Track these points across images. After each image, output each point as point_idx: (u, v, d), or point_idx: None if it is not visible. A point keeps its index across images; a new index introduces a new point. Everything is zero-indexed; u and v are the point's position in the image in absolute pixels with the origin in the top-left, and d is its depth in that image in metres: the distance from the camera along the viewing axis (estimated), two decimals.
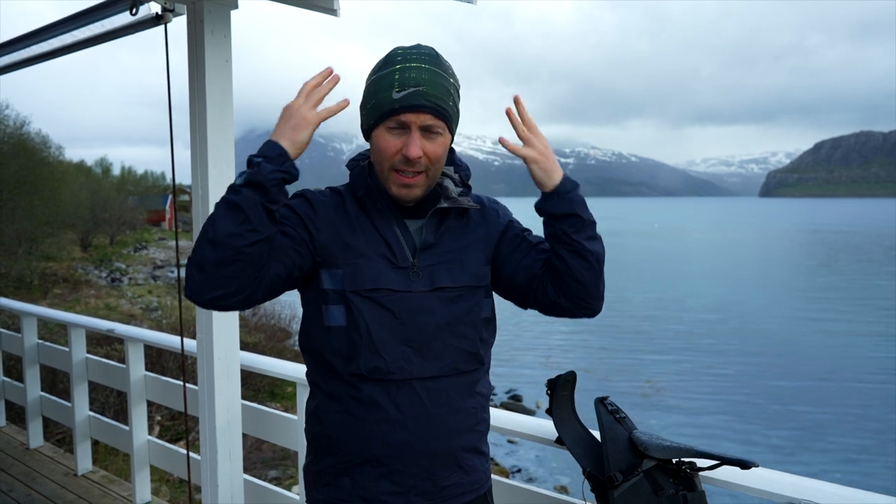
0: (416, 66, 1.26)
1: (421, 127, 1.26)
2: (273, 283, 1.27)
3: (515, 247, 1.42)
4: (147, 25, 2.28)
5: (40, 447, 4.40)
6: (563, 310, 1.38)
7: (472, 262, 1.38)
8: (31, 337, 4.35)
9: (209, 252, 1.16)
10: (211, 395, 2.31)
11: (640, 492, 1.45)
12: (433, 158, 1.29)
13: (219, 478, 2.35)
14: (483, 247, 1.41)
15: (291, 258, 1.28)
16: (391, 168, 1.28)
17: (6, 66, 3.30)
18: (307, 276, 1.34)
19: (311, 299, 1.36)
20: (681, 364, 17.59)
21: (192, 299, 1.21)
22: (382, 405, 1.29)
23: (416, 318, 1.31)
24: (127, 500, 3.60)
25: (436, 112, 1.26)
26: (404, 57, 1.27)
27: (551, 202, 1.32)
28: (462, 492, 1.37)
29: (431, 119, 1.26)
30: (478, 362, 1.39)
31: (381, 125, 1.28)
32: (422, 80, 1.25)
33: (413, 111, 1.24)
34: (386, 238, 1.33)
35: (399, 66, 1.26)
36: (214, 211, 1.20)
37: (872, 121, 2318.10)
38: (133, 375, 3.47)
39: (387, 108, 1.25)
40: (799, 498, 1.42)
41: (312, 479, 1.39)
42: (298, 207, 1.34)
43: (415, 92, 1.24)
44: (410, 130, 1.26)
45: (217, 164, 2.20)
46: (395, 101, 1.24)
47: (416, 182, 1.29)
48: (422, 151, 1.26)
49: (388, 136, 1.27)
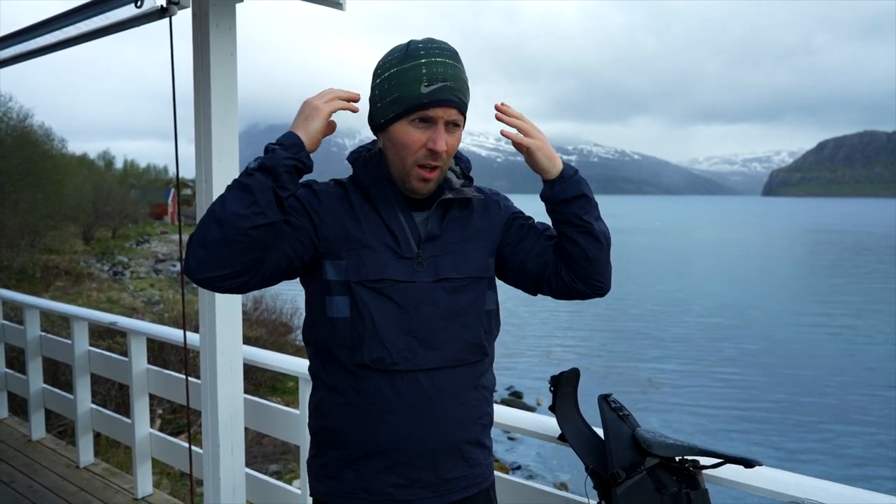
0: (442, 62, 1.26)
1: (446, 122, 1.27)
2: (272, 271, 1.27)
3: (523, 236, 1.44)
4: (152, 18, 2.27)
5: (42, 439, 4.41)
6: (577, 293, 1.41)
7: (476, 254, 1.39)
8: (33, 329, 4.36)
9: (214, 230, 1.17)
10: (213, 389, 2.31)
11: (643, 489, 1.45)
12: (451, 152, 1.31)
13: (220, 471, 2.35)
14: (487, 238, 1.42)
15: (293, 247, 1.29)
16: (415, 162, 1.29)
17: (10, 58, 3.29)
18: (307, 266, 1.34)
19: (315, 290, 1.36)
20: (683, 363, 17.58)
21: (191, 276, 1.22)
22: (387, 396, 1.29)
23: (420, 309, 1.31)
24: (128, 493, 3.60)
25: (461, 107, 1.28)
26: (427, 51, 1.27)
27: (559, 186, 1.34)
28: (466, 485, 1.38)
29: (457, 114, 1.28)
30: (482, 353, 1.39)
31: (403, 119, 1.27)
32: (448, 75, 1.25)
33: (442, 105, 1.25)
34: (391, 228, 1.33)
35: (424, 61, 1.25)
36: (224, 192, 1.21)
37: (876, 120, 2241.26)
38: (135, 368, 3.48)
39: (414, 103, 1.25)
40: (803, 497, 1.42)
41: (316, 473, 1.39)
42: (303, 197, 1.34)
43: (443, 87, 1.24)
44: (436, 125, 1.26)
45: (221, 158, 2.19)
46: (423, 96, 1.24)
47: (433, 176, 1.31)
48: (446, 145, 1.27)
49: (413, 130, 1.27)
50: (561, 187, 1.34)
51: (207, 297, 2.25)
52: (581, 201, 1.34)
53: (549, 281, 1.41)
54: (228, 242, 1.17)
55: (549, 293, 1.44)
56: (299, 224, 1.30)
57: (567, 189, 1.34)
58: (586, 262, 1.36)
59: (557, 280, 1.40)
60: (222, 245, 1.17)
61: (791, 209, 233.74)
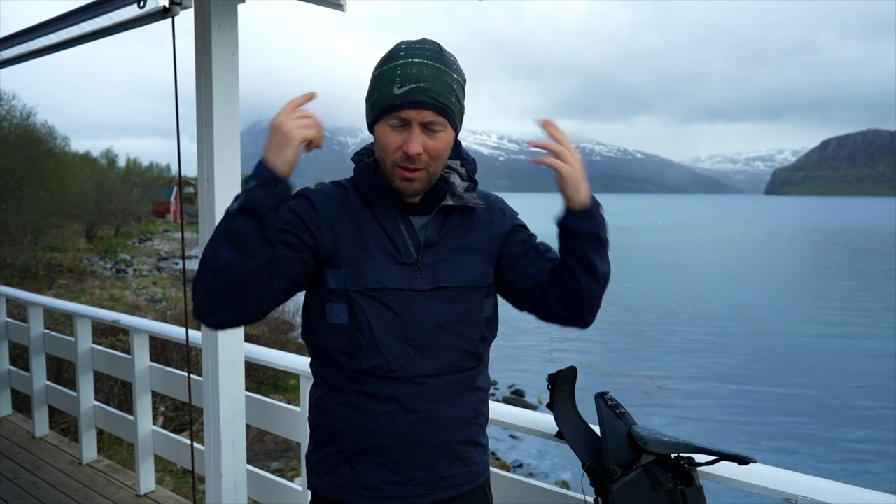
0: (419, 63, 1.25)
1: (421, 123, 1.26)
2: (279, 297, 1.30)
3: (522, 253, 1.42)
4: (154, 18, 2.29)
5: (46, 436, 4.44)
6: (560, 319, 1.41)
7: (475, 263, 1.39)
8: (37, 327, 4.38)
9: (211, 278, 1.19)
10: (215, 387, 2.33)
11: (638, 486, 1.47)
12: (433, 155, 1.28)
13: (222, 468, 2.37)
14: (487, 248, 1.41)
15: (295, 269, 1.30)
16: (393, 163, 1.29)
17: (14, 57, 3.31)
18: (314, 277, 1.35)
19: (315, 295, 1.37)
20: (683, 361, 17.59)
21: (203, 323, 1.25)
22: (384, 398, 1.31)
23: (417, 317, 1.32)
24: (131, 490, 3.63)
25: (437, 108, 1.25)
26: (407, 52, 1.27)
27: (577, 220, 1.30)
28: (460, 483, 1.39)
29: (432, 115, 1.25)
30: (477, 360, 1.40)
31: (382, 120, 1.28)
32: (423, 76, 1.24)
33: (413, 107, 1.24)
34: (390, 234, 1.33)
35: (401, 62, 1.25)
36: (214, 236, 1.21)
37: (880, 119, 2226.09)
38: (138, 366, 3.50)
39: (388, 104, 1.25)
40: (797, 494, 1.43)
41: (314, 467, 1.41)
42: (300, 209, 1.34)
43: (415, 88, 1.23)
44: (411, 126, 1.26)
45: (223, 157, 2.21)
46: (395, 97, 1.24)
47: (416, 176, 1.29)
48: (422, 148, 1.26)
49: (390, 132, 1.27)
50: (579, 221, 1.29)
51: None
52: (594, 241, 1.31)
53: (536, 301, 1.41)
54: (227, 288, 1.19)
55: (534, 312, 1.44)
56: (298, 243, 1.30)
57: (584, 225, 1.30)
58: (578, 297, 1.35)
59: (544, 302, 1.40)
60: (222, 291, 1.19)
61: (794, 208, 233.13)
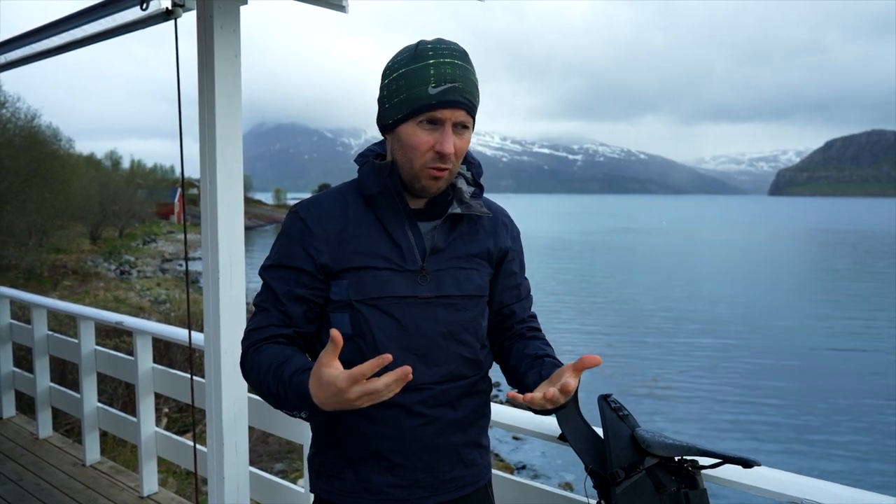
0: (451, 62, 1.24)
1: (454, 123, 1.26)
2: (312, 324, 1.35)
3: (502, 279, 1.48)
4: (157, 20, 2.29)
5: (49, 437, 4.45)
6: (483, 348, 1.47)
7: (479, 272, 1.39)
8: (41, 328, 4.39)
9: (265, 396, 1.25)
10: (218, 388, 2.32)
11: (642, 489, 1.46)
12: (460, 154, 1.29)
13: (225, 470, 2.37)
14: (490, 257, 1.43)
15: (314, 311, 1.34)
16: (423, 164, 1.27)
17: (18, 59, 3.32)
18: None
19: None
20: (687, 363, 17.54)
21: None
22: (388, 404, 1.29)
23: (420, 326, 1.31)
24: (134, 491, 3.63)
25: (469, 108, 1.26)
26: (436, 52, 1.25)
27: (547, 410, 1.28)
28: (463, 484, 1.40)
29: (464, 115, 1.26)
30: (478, 368, 1.41)
31: (411, 120, 1.26)
32: (456, 76, 1.23)
33: (449, 107, 1.23)
34: (396, 240, 1.32)
35: (433, 62, 1.24)
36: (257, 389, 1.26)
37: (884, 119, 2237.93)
38: (141, 368, 3.50)
39: (421, 104, 1.23)
40: (801, 497, 1.42)
41: (317, 471, 1.41)
42: (294, 235, 1.33)
43: (451, 88, 1.22)
44: (444, 126, 1.25)
45: (225, 158, 2.21)
46: (431, 97, 1.22)
47: (443, 175, 1.29)
48: (454, 147, 1.26)
49: (420, 132, 1.26)
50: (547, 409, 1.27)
51: (212, 297, 2.26)
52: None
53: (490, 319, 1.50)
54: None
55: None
56: (307, 280, 1.31)
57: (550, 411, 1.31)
58: (501, 368, 1.52)
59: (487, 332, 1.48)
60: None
61: (798, 209, 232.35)
